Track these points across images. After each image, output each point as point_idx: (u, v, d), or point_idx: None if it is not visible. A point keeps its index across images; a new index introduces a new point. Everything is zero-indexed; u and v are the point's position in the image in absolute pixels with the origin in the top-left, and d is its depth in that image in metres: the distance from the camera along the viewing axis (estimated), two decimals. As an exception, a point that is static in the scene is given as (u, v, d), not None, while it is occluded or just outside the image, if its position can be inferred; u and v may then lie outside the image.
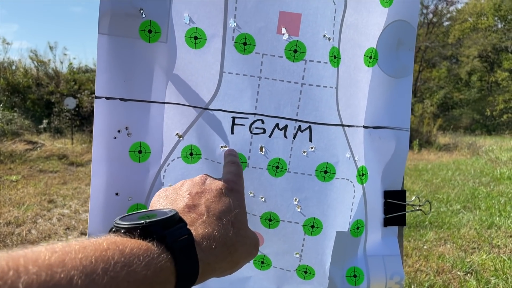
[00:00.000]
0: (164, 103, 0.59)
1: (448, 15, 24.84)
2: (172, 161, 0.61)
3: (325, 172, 0.64)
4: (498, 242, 3.45)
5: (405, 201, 0.69)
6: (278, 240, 0.66)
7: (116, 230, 0.34)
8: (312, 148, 0.63)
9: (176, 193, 0.44)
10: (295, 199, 0.64)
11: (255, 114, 0.61)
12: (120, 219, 0.35)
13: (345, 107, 0.63)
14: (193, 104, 0.59)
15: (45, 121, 8.81)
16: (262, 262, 0.67)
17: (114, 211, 0.58)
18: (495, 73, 22.41)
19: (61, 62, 12.04)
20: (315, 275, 0.66)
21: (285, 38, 0.59)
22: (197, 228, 0.38)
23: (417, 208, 0.70)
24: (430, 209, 0.73)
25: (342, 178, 0.65)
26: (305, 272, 0.67)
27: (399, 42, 0.66)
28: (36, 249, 0.26)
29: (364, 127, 0.65)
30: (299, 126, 0.62)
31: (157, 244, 0.32)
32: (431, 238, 3.53)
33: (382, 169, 0.68)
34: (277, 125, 0.62)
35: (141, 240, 0.32)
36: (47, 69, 10.76)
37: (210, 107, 0.60)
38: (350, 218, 0.66)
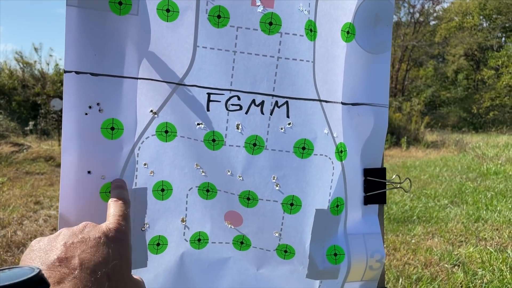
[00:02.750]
0: (137, 78, 0.58)
1: (435, 14, 25.11)
2: (146, 138, 0.60)
3: (303, 148, 0.63)
4: (485, 235, 3.47)
5: (385, 179, 0.68)
6: (257, 219, 0.64)
7: None
8: (289, 124, 0.62)
9: (50, 244, 0.40)
10: (274, 177, 0.63)
11: (230, 90, 0.60)
12: None
13: (322, 82, 0.63)
14: (166, 80, 0.58)
15: (31, 123, 8.69)
16: (242, 243, 0.66)
17: (87, 190, 0.56)
18: (481, 71, 22.69)
19: (47, 64, 11.89)
20: (295, 254, 0.65)
21: (260, 10, 0.58)
22: (66, 286, 0.35)
23: (398, 186, 0.69)
24: (410, 186, 0.72)
25: (321, 155, 0.64)
26: (285, 251, 0.66)
27: (376, 18, 0.65)
28: None
29: (343, 103, 0.65)
30: (276, 102, 0.61)
31: None
32: (419, 232, 3.55)
33: (361, 147, 0.67)
34: (253, 101, 0.61)
35: None
36: (33, 70, 10.64)
37: (184, 82, 0.58)
38: (330, 195, 0.65)
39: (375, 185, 0.68)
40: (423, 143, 10.98)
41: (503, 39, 23.64)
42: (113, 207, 0.49)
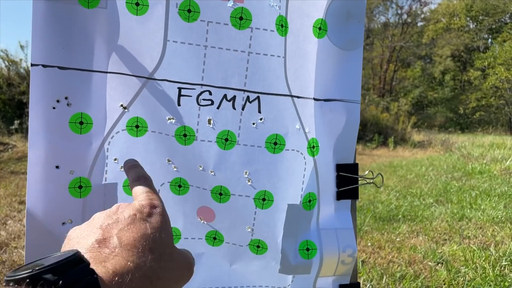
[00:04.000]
0: (107, 72, 0.57)
1: (422, 16, 25.36)
2: (116, 133, 0.59)
3: (275, 143, 0.63)
4: (468, 233, 3.52)
5: (357, 174, 0.69)
6: (230, 214, 0.64)
7: (6, 284, 0.31)
8: (261, 119, 0.62)
9: (87, 229, 0.40)
10: (246, 172, 0.63)
11: (202, 85, 0.60)
12: (14, 270, 0.31)
13: (294, 78, 0.63)
14: (136, 74, 0.58)
15: (16, 122, 8.57)
16: (214, 238, 0.66)
17: (55, 185, 0.56)
18: (468, 72, 22.99)
19: (33, 62, 11.71)
20: (268, 249, 0.66)
21: (230, 5, 0.58)
22: (108, 265, 0.35)
23: (370, 181, 0.70)
24: (382, 182, 0.73)
25: (292, 150, 0.64)
26: (258, 246, 0.66)
27: (348, 14, 0.65)
28: None
29: (315, 99, 0.65)
30: (248, 97, 0.61)
31: None
32: (404, 230, 3.58)
33: (333, 142, 0.67)
34: (225, 96, 0.61)
35: None
36: (19, 68, 10.47)
37: (154, 76, 0.58)
38: (302, 190, 0.65)
39: (347, 181, 0.68)
40: (410, 143, 11.08)
41: (490, 40, 23.98)
42: (138, 186, 0.47)
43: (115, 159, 0.60)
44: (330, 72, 0.65)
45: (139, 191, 0.46)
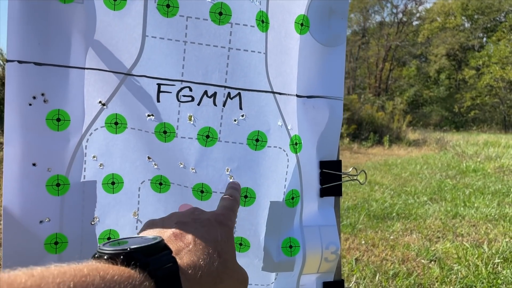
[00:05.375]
0: (84, 68, 0.56)
1: (418, 15, 25.42)
2: (95, 130, 0.58)
3: (257, 140, 0.63)
4: (462, 231, 3.53)
5: (341, 171, 0.68)
6: None
7: (99, 256, 0.33)
8: (242, 116, 0.62)
9: (164, 223, 0.44)
10: (227, 169, 0.63)
11: (182, 81, 0.59)
12: (104, 245, 0.34)
13: (275, 74, 0.62)
14: (114, 70, 0.57)
15: (10, 122, 8.53)
16: (196, 236, 0.65)
17: (31, 182, 0.55)
18: (463, 71, 23.08)
19: (28, 61, 11.67)
20: (250, 247, 0.65)
21: (210, 0, 0.57)
22: (183, 257, 0.38)
23: (354, 178, 0.70)
24: (366, 179, 0.73)
25: (275, 147, 0.64)
26: (240, 244, 0.65)
27: (330, 11, 0.65)
28: (13, 273, 0.26)
29: (298, 96, 0.64)
30: (229, 93, 0.61)
31: (140, 271, 0.31)
32: (398, 228, 3.59)
33: (317, 139, 0.67)
34: (205, 92, 0.60)
35: (124, 267, 0.31)
36: (13, 68, 10.43)
37: (132, 72, 0.57)
38: (285, 188, 0.65)
39: (331, 178, 0.68)
40: (405, 141, 11.11)
41: (484, 39, 24.07)
42: (225, 201, 0.51)
43: (94, 157, 0.59)
44: (312, 68, 0.65)
45: (222, 204, 0.51)
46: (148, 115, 0.59)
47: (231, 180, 0.60)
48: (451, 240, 3.28)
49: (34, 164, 0.55)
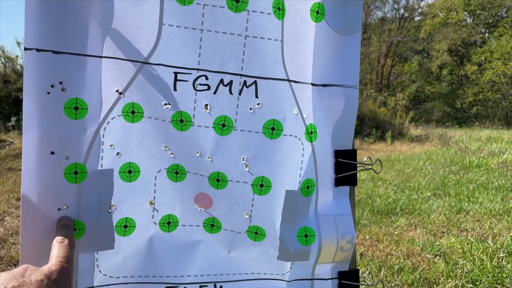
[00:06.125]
0: (101, 57, 0.56)
1: (420, 10, 25.33)
2: (112, 119, 0.58)
3: (273, 129, 0.63)
4: (466, 226, 3.53)
5: (356, 161, 0.68)
6: (227, 201, 0.64)
7: None
8: (258, 104, 0.62)
9: None
10: (243, 158, 0.63)
11: (198, 69, 0.59)
12: None
13: (291, 62, 0.62)
14: (131, 58, 0.57)
15: (13, 119, 8.54)
16: (212, 225, 0.65)
17: (50, 170, 0.55)
18: (465, 67, 23.01)
19: (30, 59, 11.63)
20: (266, 236, 0.65)
21: None
22: None
23: (369, 167, 0.70)
24: (381, 168, 0.72)
25: (290, 135, 0.64)
26: (256, 233, 0.65)
27: (346, -2, 0.65)
28: None
29: (313, 84, 0.64)
30: (245, 82, 0.61)
31: None
32: (402, 224, 3.59)
33: (332, 128, 0.67)
34: (221, 81, 0.60)
35: None
36: (15, 65, 10.43)
37: (149, 61, 0.57)
38: (300, 176, 0.65)
39: (346, 167, 0.68)
40: (408, 137, 11.10)
41: (486, 34, 23.98)
42: (57, 248, 0.48)
43: (111, 145, 0.59)
44: (328, 56, 0.65)
45: (56, 253, 0.46)
46: (165, 104, 0.59)
47: (60, 217, 0.56)
48: (456, 235, 3.28)
49: (52, 153, 0.55)
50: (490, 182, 5.26)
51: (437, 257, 2.84)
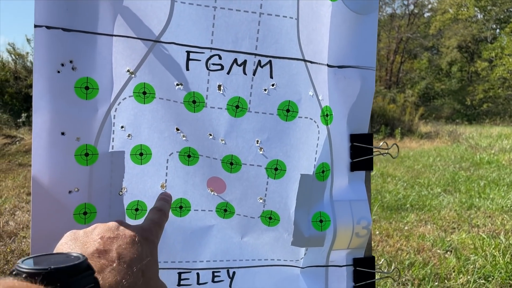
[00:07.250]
0: (112, 35, 0.55)
1: (429, 6, 25.07)
2: (123, 100, 0.57)
3: (287, 110, 0.61)
4: (477, 222, 3.48)
5: (372, 145, 0.66)
6: (241, 185, 0.62)
7: (16, 273, 0.31)
8: (273, 85, 0.60)
9: (87, 237, 0.42)
10: (257, 141, 0.61)
11: (211, 48, 0.58)
12: (23, 261, 0.33)
13: (307, 42, 0.60)
14: (142, 37, 0.55)
15: (24, 115, 8.61)
16: (225, 210, 0.64)
17: (60, 152, 0.54)
18: (475, 63, 22.73)
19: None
20: (280, 221, 0.64)
21: None
22: (106, 276, 0.37)
23: (385, 152, 0.68)
24: (398, 152, 0.70)
25: (306, 117, 0.62)
26: (270, 218, 0.64)
27: (363, -23, 0.63)
28: None
29: (329, 66, 0.62)
30: (259, 61, 0.59)
31: None
32: (412, 219, 3.55)
33: (348, 111, 0.65)
34: (235, 60, 0.59)
35: (42, 287, 0.30)
36: (25, 62, 10.51)
37: (161, 39, 0.56)
38: (315, 160, 0.63)
39: (361, 151, 0.66)
40: (417, 134, 11.00)
41: (497, 30, 23.67)
42: (152, 214, 0.50)
43: (122, 127, 0.58)
44: (344, 37, 0.63)
45: (150, 217, 0.49)
46: (177, 84, 0.58)
47: (163, 192, 0.58)
48: (467, 231, 3.24)
49: (63, 133, 0.54)
50: (501, 179, 5.19)
51: (448, 252, 2.81)
